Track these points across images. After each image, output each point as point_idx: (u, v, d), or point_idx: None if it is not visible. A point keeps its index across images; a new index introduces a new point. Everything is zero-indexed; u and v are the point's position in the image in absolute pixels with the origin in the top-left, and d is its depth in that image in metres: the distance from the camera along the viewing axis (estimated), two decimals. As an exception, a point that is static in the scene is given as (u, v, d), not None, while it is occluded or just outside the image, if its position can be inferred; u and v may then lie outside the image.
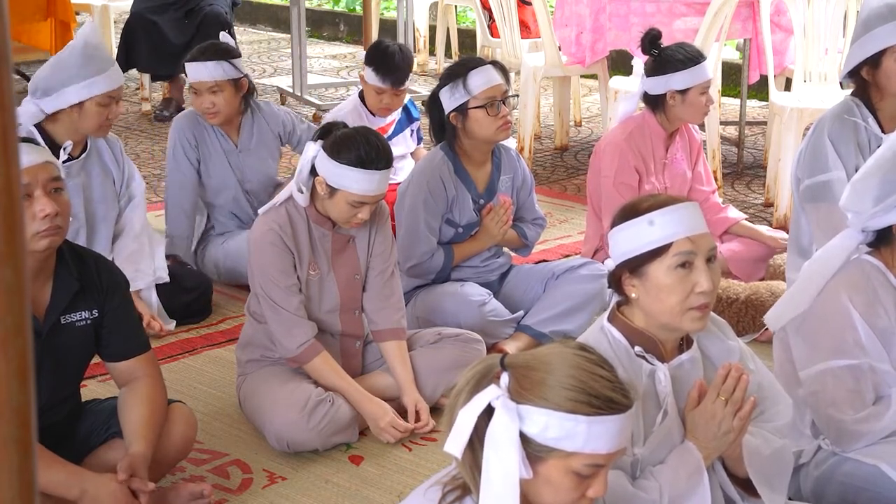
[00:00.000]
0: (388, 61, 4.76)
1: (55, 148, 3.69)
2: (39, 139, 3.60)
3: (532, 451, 1.74)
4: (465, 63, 3.87)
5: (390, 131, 4.95)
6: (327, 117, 4.98)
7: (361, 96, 4.93)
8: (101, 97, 3.76)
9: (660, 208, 2.23)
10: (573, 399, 1.72)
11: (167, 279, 4.06)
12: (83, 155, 3.91)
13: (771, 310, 2.82)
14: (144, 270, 3.98)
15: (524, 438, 1.73)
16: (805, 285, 2.72)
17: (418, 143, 5.20)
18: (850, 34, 3.78)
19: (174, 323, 4.09)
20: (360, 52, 6.38)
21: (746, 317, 4.01)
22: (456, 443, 1.72)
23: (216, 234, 4.52)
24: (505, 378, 1.75)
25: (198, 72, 4.30)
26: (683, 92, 4.07)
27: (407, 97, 5.06)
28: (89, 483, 2.63)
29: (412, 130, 5.15)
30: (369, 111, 4.88)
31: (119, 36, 7.21)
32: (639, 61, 4.18)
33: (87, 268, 2.77)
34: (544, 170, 6.21)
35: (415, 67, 8.07)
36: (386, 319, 3.44)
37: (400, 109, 5.01)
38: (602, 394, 1.73)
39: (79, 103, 3.74)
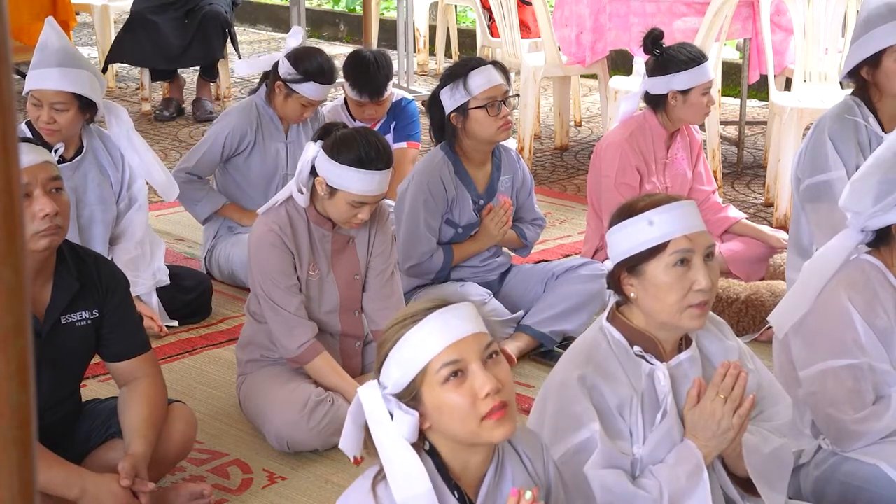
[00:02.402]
0: (363, 74, 4.68)
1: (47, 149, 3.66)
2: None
3: (408, 399, 1.83)
4: (466, 63, 3.87)
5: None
6: None
7: (346, 101, 4.90)
8: (31, 96, 3.71)
9: (657, 207, 2.23)
10: (400, 330, 1.84)
11: (167, 281, 4.05)
12: (78, 157, 3.88)
13: (773, 312, 2.81)
14: (144, 276, 3.97)
15: (399, 396, 1.83)
16: (805, 285, 2.72)
17: (401, 141, 5.02)
18: (850, 34, 3.78)
19: (176, 322, 4.09)
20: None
21: (746, 316, 4.01)
22: (349, 443, 1.90)
23: (226, 234, 4.52)
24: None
25: (320, 91, 4.36)
26: (685, 92, 4.07)
27: (396, 95, 4.99)
28: (89, 483, 2.64)
29: (392, 127, 5.01)
30: (351, 116, 4.85)
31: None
32: (640, 60, 4.18)
33: (87, 268, 2.77)
34: (544, 170, 6.22)
35: (415, 67, 8.12)
36: (386, 319, 3.41)
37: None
38: (417, 308, 1.85)
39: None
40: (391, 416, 1.82)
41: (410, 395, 1.83)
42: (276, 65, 4.37)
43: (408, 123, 5.02)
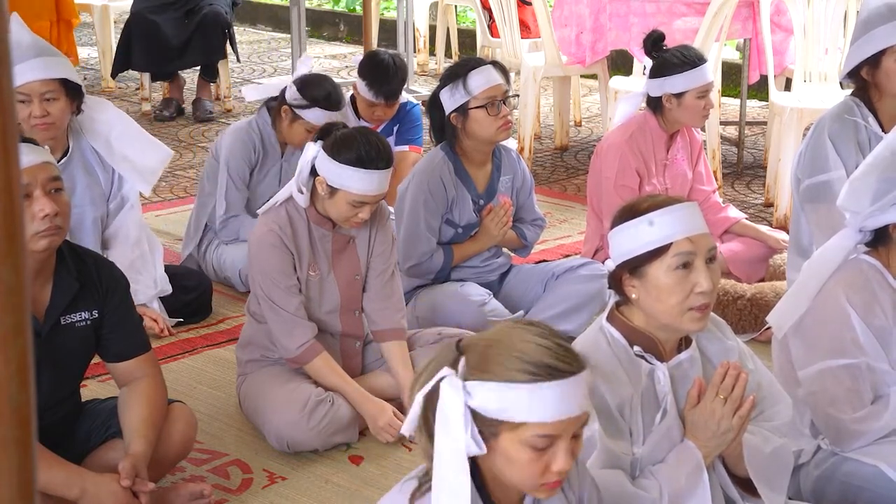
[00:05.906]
0: (382, 76, 4.68)
1: None
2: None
3: (485, 427, 1.77)
4: (466, 63, 3.87)
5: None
6: None
7: (352, 99, 4.88)
8: (17, 93, 3.63)
9: (659, 208, 2.23)
10: (513, 368, 1.75)
11: (169, 291, 4.03)
12: (64, 159, 3.78)
13: (772, 312, 2.82)
14: (146, 282, 3.93)
15: (476, 415, 1.76)
16: (803, 285, 2.72)
17: (403, 144, 5.01)
18: (850, 34, 3.78)
19: (181, 319, 4.08)
20: (360, 52, 6.36)
21: (749, 315, 4.00)
22: (409, 423, 1.79)
23: (215, 237, 4.50)
24: (461, 360, 1.78)
25: (325, 118, 4.15)
26: (680, 95, 4.07)
27: (402, 98, 4.99)
28: (89, 483, 2.64)
29: (395, 130, 5.01)
30: (357, 116, 4.84)
31: (118, 36, 7.20)
32: (648, 61, 4.17)
33: (86, 268, 2.77)
34: (544, 170, 6.22)
35: (415, 67, 8.12)
36: (386, 319, 3.44)
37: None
38: (541, 361, 1.75)
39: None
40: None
41: (489, 427, 1.77)
42: (283, 90, 4.30)
43: (411, 127, 5.02)
